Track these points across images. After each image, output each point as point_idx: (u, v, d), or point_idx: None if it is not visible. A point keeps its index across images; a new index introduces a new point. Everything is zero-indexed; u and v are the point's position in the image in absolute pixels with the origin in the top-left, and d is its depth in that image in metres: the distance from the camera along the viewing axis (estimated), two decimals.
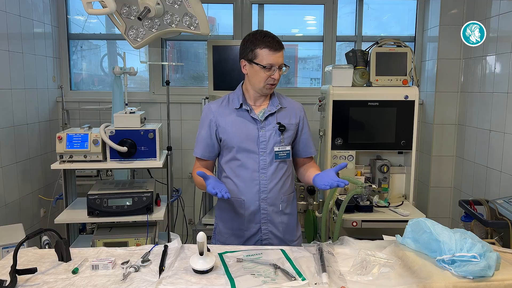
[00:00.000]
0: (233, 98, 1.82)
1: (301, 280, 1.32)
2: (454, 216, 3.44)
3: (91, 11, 2.27)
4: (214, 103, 1.85)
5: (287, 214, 1.85)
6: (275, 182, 1.79)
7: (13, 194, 2.87)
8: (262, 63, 1.70)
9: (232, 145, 1.77)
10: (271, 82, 1.73)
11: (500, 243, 2.16)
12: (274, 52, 1.69)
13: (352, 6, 3.65)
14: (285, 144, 1.79)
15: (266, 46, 1.69)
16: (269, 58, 1.69)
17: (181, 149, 3.57)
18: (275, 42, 1.70)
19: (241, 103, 1.78)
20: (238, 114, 1.79)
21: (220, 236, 1.88)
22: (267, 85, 1.73)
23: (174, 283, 1.31)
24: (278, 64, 1.71)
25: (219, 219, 1.90)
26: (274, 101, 1.82)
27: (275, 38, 1.72)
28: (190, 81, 3.81)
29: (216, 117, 1.80)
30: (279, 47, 1.71)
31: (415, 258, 1.44)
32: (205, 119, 1.82)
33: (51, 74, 3.41)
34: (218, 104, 1.83)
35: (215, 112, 1.81)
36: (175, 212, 3.11)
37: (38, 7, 3.20)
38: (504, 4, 2.74)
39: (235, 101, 1.80)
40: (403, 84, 2.73)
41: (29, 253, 1.56)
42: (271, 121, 1.79)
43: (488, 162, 2.92)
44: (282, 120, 1.79)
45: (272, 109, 1.79)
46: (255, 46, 1.70)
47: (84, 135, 2.42)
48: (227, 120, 1.78)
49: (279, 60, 1.71)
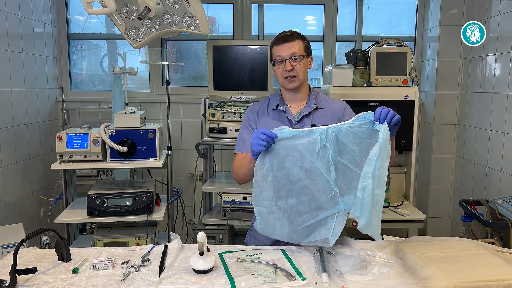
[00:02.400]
0: (272, 99, 1.83)
1: (301, 280, 1.32)
2: (454, 216, 3.44)
3: (91, 11, 2.27)
4: (256, 104, 1.86)
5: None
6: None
7: (13, 194, 2.88)
8: (273, 58, 1.73)
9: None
10: (285, 75, 1.71)
11: (500, 243, 2.16)
12: (281, 45, 1.70)
13: (352, 6, 3.65)
14: None
15: (275, 42, 1.73)
16: (277, 51, 1.71)
17: (181, 149, 3.57)
18: (282, 35, 1.72)
19: (278, 104, 1.78)
20: (275, 116, 1.78)
21: (256, 232, 1.85)
22: (285, 79, 1.72)
23: (174, 283, 1.31)
24: (286, 56, 1.69)
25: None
26: (311, 102, 1.78)
27: (285, 32, 1.73)
28: (190, 81, 3.82)
29: (255, 118, 1.80)
30: (285, 39, 1.70)
31: (415, 258, 1.44)
32: (247, 120, 1.82)
33: (51, 74, 3.41)
34: (259, 105, 1.84)
35: (256, 113, 1.81)
36: (175, 212, 3.11)
37: (38, 7, 3.20)
38: (504, 4, 2.74)
39: (273, 102, 1.80)
40: (403, 84, 2.73)
41: (29, 253, 1.56)
42: (306, 122, 1.75)
43: (488, 162, 2.92)
44: (318, 121, 1.74)
45: (307, 110, 1.76)
46: (270, 47, 1.76)
47: (84, 135, 2.42)
48: (265, 122, 1.77)
49: (287, 51, 1.69)
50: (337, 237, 1.51)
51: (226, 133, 2.75)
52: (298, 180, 1.49)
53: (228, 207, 2.72)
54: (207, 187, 2.85)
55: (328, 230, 1.50)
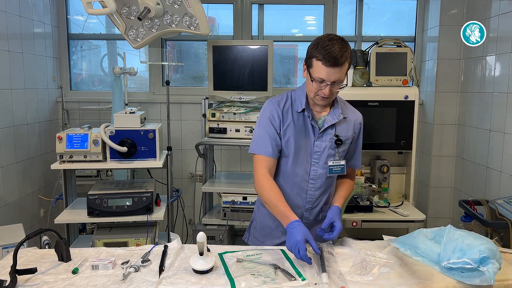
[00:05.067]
0: (295, 99, 1.70)
1: (301, 280, 1.32)
2: (454, 216, 3.44)
3: (91, 11, 2.27)
4: (278, 98, 1.72)
5: (319, 223, 1.76)
6: (322, 193, 1.73)
7: (13, 194, 2.87)
8: (314, 74, 1.57)
9: (287, 149, 1.68)
10: (321, 95, 1.59)
11: (500, 243, 2.16)
12: (328, 67, 1.52)
13: (352, 6, 3.65)
14: (339, 157, 1.70)
15: (322, 58, 1.52)
16: (321, 72, 1.54)
17: (181, 149, 3.57)
18: (332, 57, 1.51)
19: (304, 108, 1.66)
20: (299, 119, 1.68)
21: (256, 231, 1.83)
22: (317, 96, 1.61)
23: (174, 283, 1.31)
24: (329, 80, 1.54)
25: (258, 215, 1.83)
26: (336, 110, 1.69)
27: (335, 52, 1.51)
28: (190, 81, 3.81)
29: (281, 117, 1.67)
30: (335, 63, 1.51)
31: (415, 258, 1.44)
32: (271, 115, 1.67)
33: (51, 74, 3.41)
34: (283, 102, 1.70)
35: (281, 110, 1.67)
36: (175, 212, 3.11)
37: (38, 7, 3.20)
38: (504, 4, 2.74)
39: (298, 103, 1.68)
40: (403, 84, 2.73)
41: (29, 253, 1.57)
42: (330, 132, 1.68)
43: (488, 162, 2.92)
44: (341, 132, 1.69)
45: (333, 120, 1.67)
46: (314, 54, 1.55)
47: (84, 135, 2.42)
48: (290, 123, 1.67)
49: (332, 76, 1.54)
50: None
51: (226, 133, 2.75)
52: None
53: (228, 207, 2.72)
54: (207, 187, 2.85)
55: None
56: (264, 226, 1.82)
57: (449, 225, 1.45)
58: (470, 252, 1.27)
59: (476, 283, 1.24)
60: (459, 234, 1.37)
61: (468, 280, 1.27)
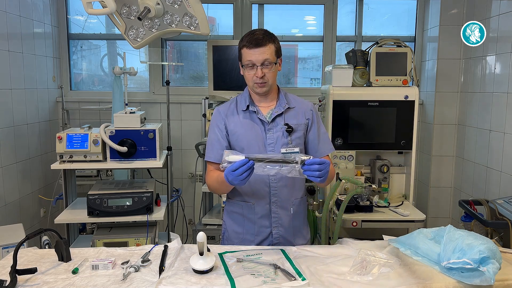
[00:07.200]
0: (240, 100, 1.78)
1: (301, 280, 1.32)
2: (454, 216, 3.44)
3: (91, 11, 2.27)
4: (222, 106, 1.81)
5: (298, 218, 1.79)
6: (285, 184, 1.74)
7: (13, 194, 2.87)
8: (244, 62, 1.66)
9: (241, 148, 1.72)
10: (256, 81, 1.66)
11: (500, 243, 2.16)
12: (252, 49, 1.62)
13: (352, 6, 3.65)
14: (293, 145, 1.72)
15: (245, 44, 1.64)
16: (247, 55, 1.63)
17: (181, 149, 3.57)
18: (253, 39, 1.62)
19: (248, 105, 1.74)
20: (246, 116, 1.74)
21: (229, 241, 1.82)
22: (255, 84, 1.67)
23: (174, 283, 1.31)
24: (258, 62, 1.62)
25: (228, 225, 1.83)
26: (282, 101, 1.76)
27: (257, 35, 1.63)
28: (190, 81, 3.81)
29: (225, 120, 1.75)
30: (257, 43, 1.61)
31: (415, 258, 1.44)
32: (215, 123, 1.77)
33: (51, 74, 3.41)
34: (227, 107, 1.79)
35: (224, 115, 1.76)
36: (175, 212, 3.11)
37: (38, 7, 3.20)
38: (504, 4, 2.74)
39: (242, 103, 1.75)
40: (403, 84, 2.72)
41: (29, 253, 1.57)
42: (279, 122, 1.73)
43: (488, 162, 2.92)
44: (290, 121, 1.73)
45: (280, 110, 1.73)
46: (240, 46, 1.67)
47: (84, 135, 2.42)
48: (236, 123, 1.74)
49: (259, 57, 1.61)
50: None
51: None
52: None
53: None
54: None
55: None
56: (234, 234, 1.81)
57: (449, 225, 1.45)
58: (470, 252, 1.27)
59: (476, 283, 1.24)
60: (459, 234, 1.37)
61: (468, 280, 1.27)
